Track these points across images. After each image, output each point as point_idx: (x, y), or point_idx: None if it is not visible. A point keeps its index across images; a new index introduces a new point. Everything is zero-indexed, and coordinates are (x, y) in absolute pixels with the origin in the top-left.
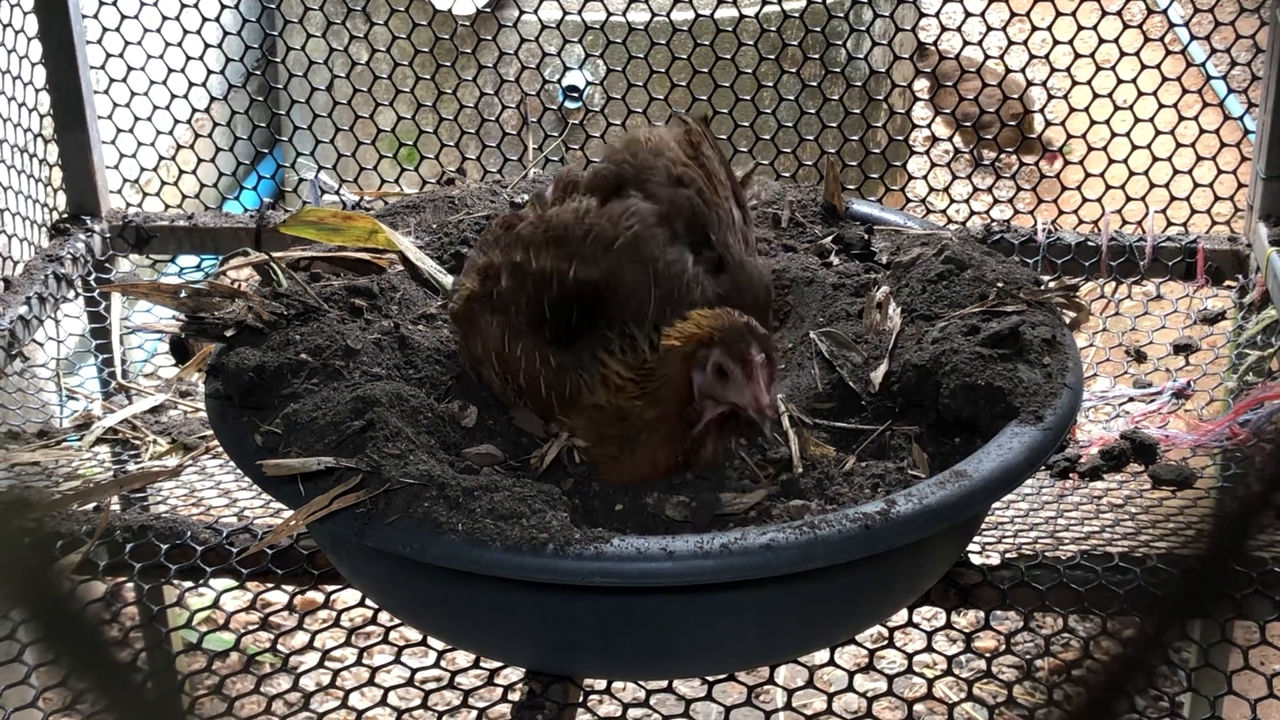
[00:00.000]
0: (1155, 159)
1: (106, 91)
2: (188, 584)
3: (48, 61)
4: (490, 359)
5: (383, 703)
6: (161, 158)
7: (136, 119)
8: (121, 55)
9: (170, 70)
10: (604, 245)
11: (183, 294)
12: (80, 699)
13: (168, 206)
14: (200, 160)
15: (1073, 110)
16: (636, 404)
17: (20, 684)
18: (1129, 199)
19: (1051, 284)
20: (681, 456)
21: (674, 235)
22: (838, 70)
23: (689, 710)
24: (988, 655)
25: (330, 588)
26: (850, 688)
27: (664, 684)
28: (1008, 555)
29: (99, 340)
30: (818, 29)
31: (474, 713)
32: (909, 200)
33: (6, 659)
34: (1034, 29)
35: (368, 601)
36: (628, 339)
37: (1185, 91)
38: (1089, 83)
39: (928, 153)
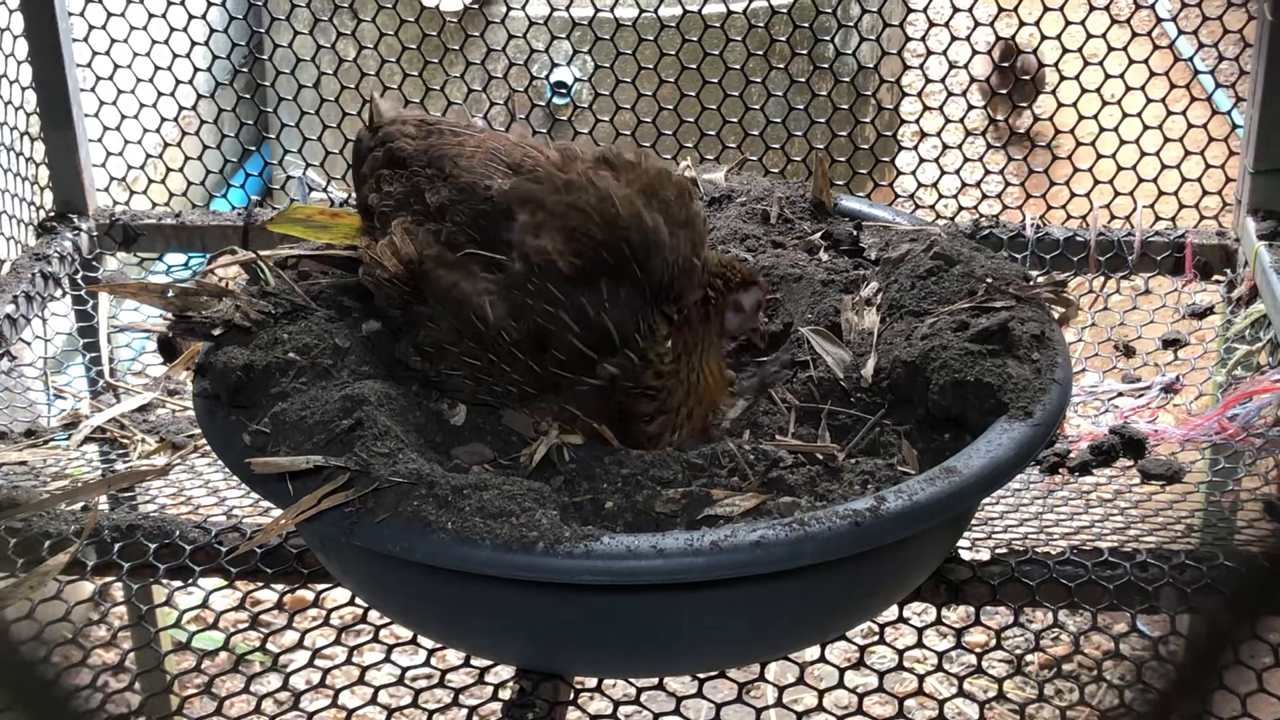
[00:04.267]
0: (1143, 154)
1: (93, 89)
2: (176, 583)
3: (34, 59)
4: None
5: (373, 701)
6: (149, 155)
7: (123, 116)
8: (108, 53)
9: (157, 67)
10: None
11: (170, 293)
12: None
13: (155, 204)
14: (187, 158)
15: (1060, 105)
16: (673, 362)
17: None
18: (1117, 194)
19: (1040, 279)
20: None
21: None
22: (826, 66)
23: (680, 707)
24: (978, 650)
25: (319, 586)
26: (841, 684)
27: (654, 681)
28: (998, 551)
29: (86, 339)
30: (805, 25)
31: (464, 711)
32: (898, 195)
33: None
34: (1021, 24)
35: (357, 600)
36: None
37: (1173, 86)
38: (1077, 78)
39: (916, 148)
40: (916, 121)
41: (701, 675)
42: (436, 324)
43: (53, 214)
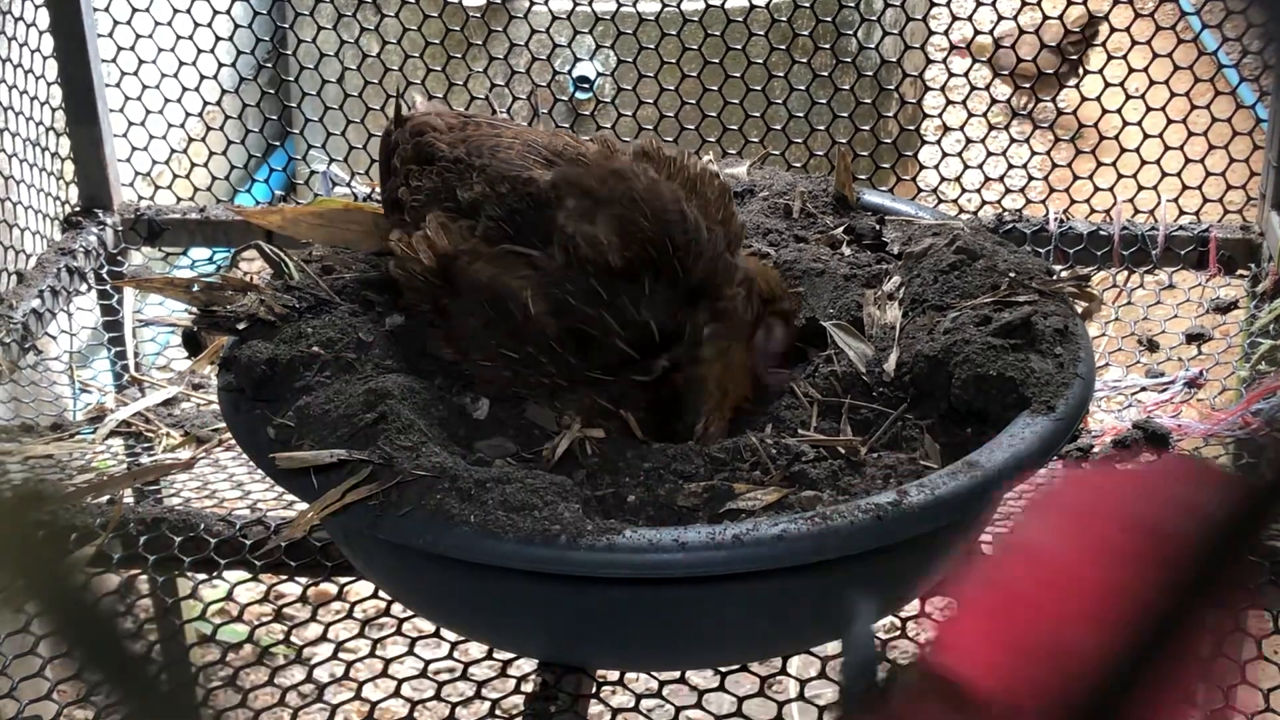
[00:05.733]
0: (1167, 147)
1: (118, 85)
2: (201, 576)
3: (59, 55)
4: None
5: (396, 694)
6: (173, 151)
7: (148, 112)
8: (133, 49)
9: (181, 63)
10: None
11: (195, 287)
12: (95, 691)
13: (179, 199)
14: (212, 153)
15: (1084, 99)
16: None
17: (35, 676)
18: (1141, 188)
19: (1064, 274)
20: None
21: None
22: (849, 60)
23: (702, 701)
24: None
25: (343, 579)
26: None
27: (677, 675)
28: None
29: (111, 333)
30: (828, 19)
31: (487, 704)
32: (920, 190)
33: (21, 651)
34: (1045, 18)
35: (381, 593)
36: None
37: (1197, 80)
38: (1100, 71)
39: (939, 142)
40: (939, 116)
41: (723, 669)
42: (470, 318)
43: (78, 209)
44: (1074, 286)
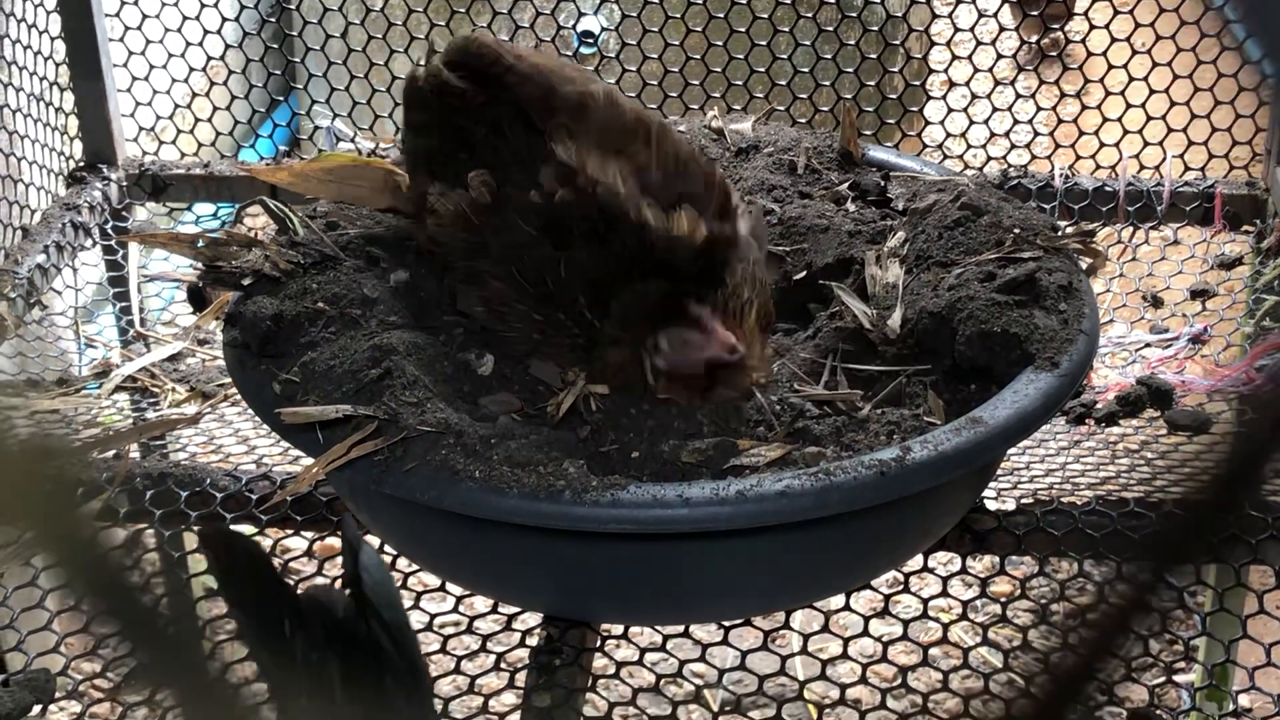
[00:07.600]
0: (1173, 103)
1: (122, 39)
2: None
3: (62, 8)
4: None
5: None
6: (177, 105)
7: (152, 66)
8: (136, 3)
9: (185, 17)
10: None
11: (200, 243)
12: (105, 643)
13: (184, 154)
14: (216, 108)
15: (1090, 54)
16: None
17: (43, 629)
18: (1146, 143)
19: (1068, 229)
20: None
21: None
22: (854, 15)
23: (705, 654)
24: (1003, 600)
25: None
26: (865, 632)
27: (680, 629)
28: (1023, 501)
29: (117, 288)
30: None
31: (492, 657)
32: (925, 146)
33: (29, 605)
34: None
35: (386, 548)
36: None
37: (1204, 35)
38: (1106, 26)
39: (945, 98)
40: (945, 71)
41: (727, 623)
42: (501, 279)
43: (82, 164)
44: (1079, 242)
